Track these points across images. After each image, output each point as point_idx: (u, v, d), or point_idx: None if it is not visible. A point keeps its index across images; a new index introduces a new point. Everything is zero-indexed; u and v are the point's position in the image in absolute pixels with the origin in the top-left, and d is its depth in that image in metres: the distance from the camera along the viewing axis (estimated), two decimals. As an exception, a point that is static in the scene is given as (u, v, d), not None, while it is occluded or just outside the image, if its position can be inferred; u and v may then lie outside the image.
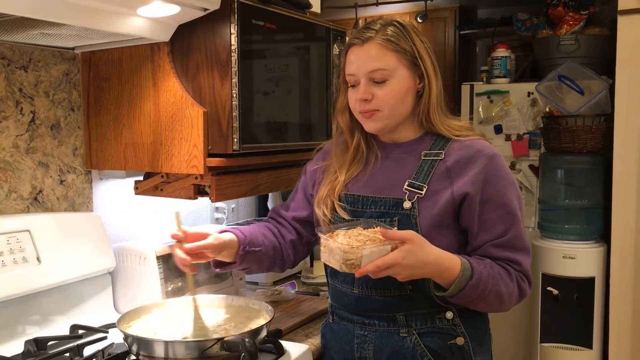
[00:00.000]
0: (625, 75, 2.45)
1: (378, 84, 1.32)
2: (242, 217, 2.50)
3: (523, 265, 1.32)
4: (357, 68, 1.34)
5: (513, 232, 1.30)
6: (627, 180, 2.48)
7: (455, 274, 1.23)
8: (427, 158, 1.35)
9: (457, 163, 1.32)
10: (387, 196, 1.35)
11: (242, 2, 1.55)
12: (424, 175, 1.33)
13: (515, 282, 1.30)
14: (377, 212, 1.35)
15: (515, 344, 3.26)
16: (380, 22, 1.35)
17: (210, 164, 1.57)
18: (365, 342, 1.38)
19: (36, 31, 1.44)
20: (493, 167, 1.31)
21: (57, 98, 1.72)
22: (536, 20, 3.34)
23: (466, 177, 1.30)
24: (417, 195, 1.31)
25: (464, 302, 1.28)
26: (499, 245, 1.30)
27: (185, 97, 1.59)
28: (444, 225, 1.31)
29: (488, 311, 1.39)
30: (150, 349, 1.26)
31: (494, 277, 1.27)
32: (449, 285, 1.24)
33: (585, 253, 2.85)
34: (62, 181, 1.74)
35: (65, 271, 1.57)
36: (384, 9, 4.23)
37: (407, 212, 1.31)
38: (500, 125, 3.28)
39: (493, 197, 1.30)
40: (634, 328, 2.50)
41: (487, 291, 1.25)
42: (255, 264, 1.48)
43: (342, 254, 1.18)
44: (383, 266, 1.16)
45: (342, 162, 1.45)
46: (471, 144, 1.35)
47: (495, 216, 1.30)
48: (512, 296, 1.31)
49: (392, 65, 1.31)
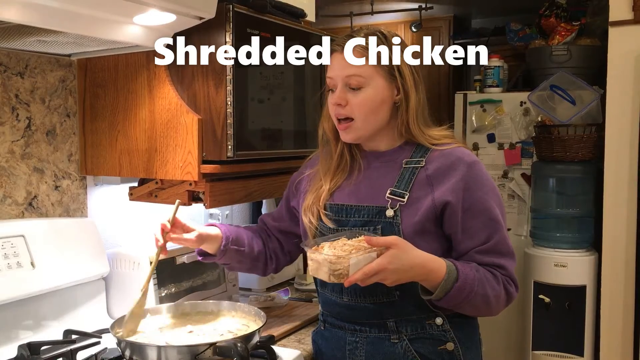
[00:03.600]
0: (616, 85, 2.49)
1: (353, 90, 1.35)
2: (236, 223, 2.50)
3: (508, 269, 1.34)
4: (335, 72, 1.37)
5: (497, 238, 1.32)
6: (618, 189, 2.50)
7: (441, 276, 1.25)
8: (408, 166, 1.37)
9: (438, 171, 1.34)
10: (369, 204, 1.37)
11: (238, 11, 1.56)
12: (406, 183, 1.35)
13: (502, 285, 1.32)
14: (361, 221, 1.37)
15: (507, 351, 3.27)
16: (365, 31, 1.38)
17: (204, 171, 1.58)
18: (357, 348, 1.40)
19: (33, 38, 1.45)
20: (473, 175, 1.33)
21: (53, 104, 1.73)
22: (529, 31, 3.38)
23: (447, 185, 1.32)
24: (399, 202, 1.33)
25: (452, 305, 1.29)
26: (483, 252, 1.32)
27: (180, 105, 1.60)
28: (427, 232, 1.33)
29: (476, 315, 1.40)
30: (143, 353, 1.27)
31: (480, 279, 1.28)
32: (435, 288, 1.26)
33: (577, 261, 2.87)
34: (57, 187, 1.75)
35: (59, 276, 1.58)
36: (379, 18, 4.26)
37: (389, 220, 1.33)
38: (493, 134, 3.31)
39: (474, 204, 1.32)
40: (624, 335, 2.52)
41: (473, 293, 1.27)
42: (235, 262, 1.55)
43: (329, 265, 1.19)
44: (370, 273, 1.18)
45: (327, 170, 1.47)
46: (451, 152, 1.36)
47: (478, 223, 1.32)
48: (499, 299, 1.32)
49: (369, 73, 1.34)
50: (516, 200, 3.28)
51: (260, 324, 1.39)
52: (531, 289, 2.95)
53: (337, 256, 1.19)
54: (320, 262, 1.21)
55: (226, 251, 1.49)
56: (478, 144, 3.34)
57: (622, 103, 2.47)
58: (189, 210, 2.21)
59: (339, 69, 1.36)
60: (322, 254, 1.21)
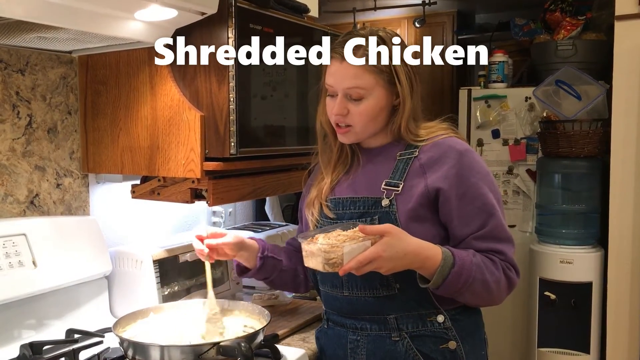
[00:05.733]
0: (622, 80, 2.46)
1: (354, 100, 1.35)
2: (239, 221, 2.49)
3: (507, 254, 1.33)
4: (335, 82, 1.36)
5: (492, 224, 1.32)
6: (624, 185, 2.48)
7: (437, 262, 1.25)
8: (402, 157, 1.38)
9: (431, 159, 1.35)
10: (365, 196, 1.37)
11: (240, 6, 1.55)
12: (400, 173, 1.36)
13: (502, 270, 1.31)
14: (358, 213, 1.37)
15: (513, 348, 3.25)
16: (364, 31, 1.36)
17: (207, 168, 1.57)
18: (358, 347, 1.39)
19: (33, 35, 1.44)
20: (465, 162, 1.33)
21: (54, 102, 1.72)
22: (533, 25, 3.35)
23: (439, 172, 1.33)
24: (394, 192, 1.34)
25: (451, 293, 1.29)
26: (480, 238, 1.32)
27: (183, 101, 1.59)
28: (422, 218, 1.33)
29: (478, 304, 1.38)
30: (145, 353, 1.26)
31: (478, 264, 1.28)
32: (432, 275, 1.25)
33: (583, 258, 2.85)
34: (59, 185, 1.74)
35: (61, 275, 1.57)
36: (382, 14, 4.24)
37: (386, 210, 1.33)
38: (498, 129, 3.29)
39: (468, 191, 1.32)
40: (631, 332, 2.50)
41: (471, 279, 1.26)
42: (276, 274, 1.52)
43: (323, 255, 1.20)
44: (365, 261, 1.18)
45: (328, 163, 1.48)
46: (444, 141, 1.37)
47: (472, 209, 1.32)
48: (499, 284, 1.31)
49: (370, 84, 1.34)
50: (521, 196, 3.26)
51: (264, 322, 1.38)
52: (537, 285, 2.94)
53: (330, 245, 1.20)
54: (315, 252, 1.22)
55: (265, 260, 1.48)
56: (483, 139, 3.32)
57: (629, 98, 2.45)
58: (192, 208, 2.20)
59: (339, 79, 1.35)
60: (316, 244, 1.22)
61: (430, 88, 4.07)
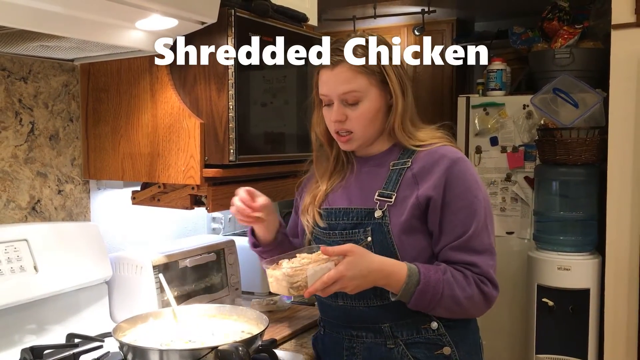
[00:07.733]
0: (619, 88, 2.48)
1: (351, 105, 1.35)
2: (238, 227, 2.51)
3: (482, 267, 1.30)
4: (329, 90, 1.36)
5: (471, 234, 1.30)
6: (621, 191, 2.50)
7: (402, 279, 1.25)
8: (395, 167, 1.38)
9: (423, 169, 1.34)
10: (359, 207, 1.38)
11: (240, 15, 1.57)
12: (393, 184, 1.36)
13: (474, 285, 1.29)
14: (351, 224, 1.37)
15: (511, 355, 3.26)
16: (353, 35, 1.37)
17: (206, 175, 1.59)
18: (354, 354, 1.40)
19: (36, 43, 1.46)
20: (455, 170, 1.32)
21: (56, 109, 1.74)
22: (531, 34, 3.38)
23: (430, 181, 1.32)
24: (387, 203, 1.34)
25: (422, 308, 1.29)
26: (455, 248, 1.31)
27: (183, 109, 1.61)
28: (415, 230, 1.33)
29: (452, 317, 1.36)
30: (145, 357, 1.27)
31: (448, 281, 1.27)
32: (399, 292, 1.26)
33: (580, 264, 2.86)
34: (60, 191, 1.76)
35: (62, 280, 1.58)
36: (382, 22, 4.27)
37: (378, 221, 1.33)
38: (496, 137, 3.30)
39: (454, 200, 1.31)
40: (628, 339, 2.51)
41: (438, 295, 1.26)
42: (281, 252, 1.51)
43: (287, 279, 1.22)
44: (329, 281, 1.19)
45: (324, 172, 1.49)
46: (436, 150, 1.36)
47: (455, 218, 1.31)
48: (472, 300, 1.29)
49: (364, 86, 1.34)
50: (519, 203, 3.27)
51: (262, 327, 1.39)
52: (534, 292, 2.95)
53: (294, 269, 1.21)
54: (279, 277, 1.23)
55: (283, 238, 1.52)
56: (481, 147, 3.34)
57: (625, 106, 2.47)
58: (192, 214, 2.22)
59: (333, 87, 1.35)
60: (279, 270, 1.24)
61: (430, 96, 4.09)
